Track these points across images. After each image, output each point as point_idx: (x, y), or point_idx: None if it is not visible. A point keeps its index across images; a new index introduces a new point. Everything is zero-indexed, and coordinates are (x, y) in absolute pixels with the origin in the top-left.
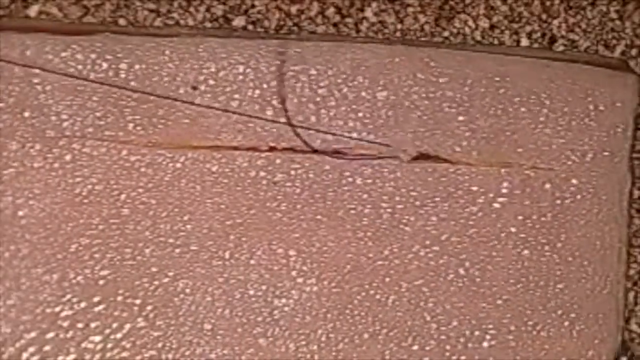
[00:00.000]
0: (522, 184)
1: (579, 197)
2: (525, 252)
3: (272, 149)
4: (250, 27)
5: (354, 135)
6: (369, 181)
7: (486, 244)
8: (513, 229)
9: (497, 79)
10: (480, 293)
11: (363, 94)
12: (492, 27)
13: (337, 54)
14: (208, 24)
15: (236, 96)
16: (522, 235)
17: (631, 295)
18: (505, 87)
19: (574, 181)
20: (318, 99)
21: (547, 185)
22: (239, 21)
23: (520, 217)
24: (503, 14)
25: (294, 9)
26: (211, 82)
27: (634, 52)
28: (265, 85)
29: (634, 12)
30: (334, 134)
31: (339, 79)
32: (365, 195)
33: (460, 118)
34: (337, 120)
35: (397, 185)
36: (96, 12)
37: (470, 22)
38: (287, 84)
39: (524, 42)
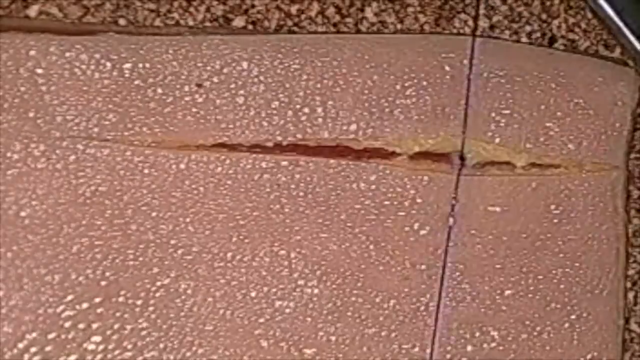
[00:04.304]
0: (520, 189)
1: (573, 199)
2: (524, 255)
3: (277, 145)
4: (250, 27)
5: (362, 124)
6: (372, 186)
7: (486, 247)
8: (513, 232)
9: (501, 73)
10: (481, 295)
11: (369, 83)
12: (492, 27)
13: (342, 46)
14: (208, 24)
15: (241, 92)
16: (523, 236)
17: (631, 295)
18: (509, 81)
19: (569, 185)
20: (324, 90)
21: (544, 188)
22: (239, 21)
23: (520, 220)
24: (503, 14)
25: (294, 9)
26: (215, 79)
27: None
28: (270, 80)
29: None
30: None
31: (344, 69)
32: (367, 200)
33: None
34: (344, 110)
35: (399, 191)
36: (96, 12)
37: (470, 22)
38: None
39: (524, 41)
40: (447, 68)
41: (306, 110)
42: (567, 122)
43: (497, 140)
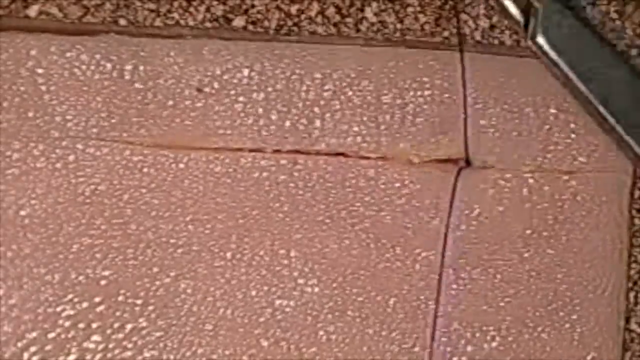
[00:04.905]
0: (522, 188)
1: (578, 198)
2: (526, 254)
3: (276, 152)
4: (250, 27)
5: (359, 139)
6: (372, 183)
7: (487, 247)
8: (515, 232)
9: (502, 79)
10: (481, 295)
11: (368, 97)
12: (492, 27)
13: (341, 57)
14: (208, 24)
15: (241, 99)
16: (524, 237)
17: (632, 295)
18: (510, 87)
19: (573, 182)
20: (322, 102)
21: (547, 188)
22: (239, 21)
23: (521, 220)
24: None
25: (294, 9)
26: (216, 85)
27: (633, 52)
28: (270, 89)
29: (634, 12)
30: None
31: (344, 82)
32: (368, 198)
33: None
34: (342, 124)
35: (400, 188)
36: (96, 12)
37: (470, 22)
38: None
39: (524, 42)
40: (447, 84)
41: (304, 121)
42: (576, 135)
43: (500, 155)
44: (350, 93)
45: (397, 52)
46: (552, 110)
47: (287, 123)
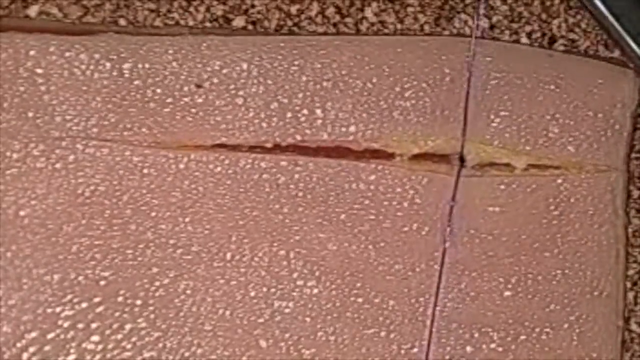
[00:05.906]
0: (519, 190)
1: (572, 200)
2: (523, 256)
3: (276, 146)
4: (250, 27)
5: (361, 126)
6: (372, 186)
7: (485, 248)
8: (512, 233)
9: (501, 75)
10: (480, 297)
11: (368, 85)
12: (492, 27)
13: (341, 48)
14: (208, 24)
15: (241, 93)
16: (522, 237)
17: (631, 295)
18: (509, 83)
19: (569, 186)
20: (323, 92)
21: (544, 189)
22: (239, 21)
23: (519, 221)
24: (503, 13)
25: (294, 9)
26: (215, 80)
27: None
28: (269, 81)
29: None
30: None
31: (344, 70)
32: (367, 200)
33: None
34: (343, 112)
35: (398, 192)
36: (96, 12)
37: (470, 22)
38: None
39: (524, 41)
40: (446, 70)
41: (305, 111)
42: (567, 124)
43: (497, 142)
44: (350, 81)
45: (396, 40)
46: (543, 100)
47: (289, 114)
